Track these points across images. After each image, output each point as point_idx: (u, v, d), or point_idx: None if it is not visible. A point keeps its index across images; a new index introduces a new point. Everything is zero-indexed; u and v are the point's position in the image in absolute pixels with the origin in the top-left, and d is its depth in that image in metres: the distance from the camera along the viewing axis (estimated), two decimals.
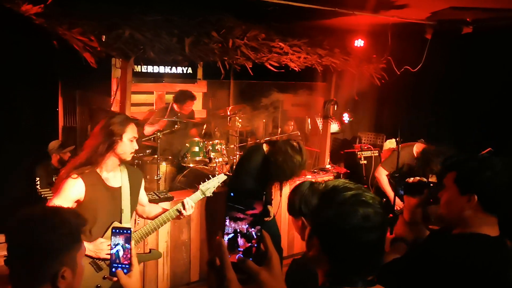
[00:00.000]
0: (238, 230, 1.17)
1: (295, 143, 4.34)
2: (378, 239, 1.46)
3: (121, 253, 1.94)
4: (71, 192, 3.01)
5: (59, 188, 3.03)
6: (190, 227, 5.27)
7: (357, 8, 5.23)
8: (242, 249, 1.17)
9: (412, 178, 2.54)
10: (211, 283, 1.16)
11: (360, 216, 1.43)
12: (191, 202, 3.41)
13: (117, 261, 1.94)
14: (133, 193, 3.32)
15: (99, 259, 3.07)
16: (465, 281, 1.96)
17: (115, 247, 1.95)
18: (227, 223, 1.17)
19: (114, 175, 3.24)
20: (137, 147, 3.23)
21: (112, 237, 1.96)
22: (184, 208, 3.38)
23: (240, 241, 1.18)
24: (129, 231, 1.96)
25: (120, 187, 3.25)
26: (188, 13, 5.22)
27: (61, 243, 1.66)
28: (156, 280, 5.05)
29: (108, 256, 3.03)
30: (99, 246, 3.04)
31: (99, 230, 3.10)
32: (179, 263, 5.23)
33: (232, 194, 1.18)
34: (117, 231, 1.96)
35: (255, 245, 1.17)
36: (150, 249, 3.54)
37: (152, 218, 3.45)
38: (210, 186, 3.55)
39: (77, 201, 3.04)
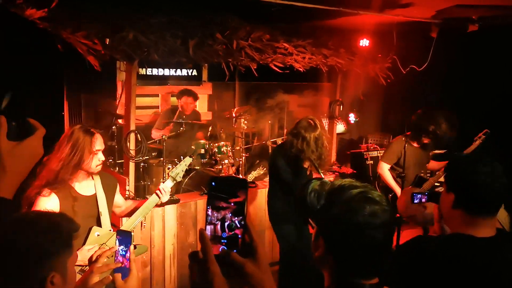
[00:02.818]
0: (221, 220, 1.14)
1: (304, 122, 4.38)
2: (385, 238, 1.44)
3: (121, 256, 1.94)
4: (46, 209, 2.96)
5: (32, 207, 2.96)
6: (196, 229, 5.26)
7: (362, 8, 5.20)
8: (225, 240, 1.14)
9: (442, 188, 2.50)
10: (193, 276, 1.13)
11: (366, 213, 1.41)
12: (166, 189, 3.40)
13: (119, 264, 1.94)
14: (108, 198, 3.33)
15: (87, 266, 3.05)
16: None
17: (117, 250, 1.94)
18: (209, 213, 1.14)
19: (87, 184, 3.23)
20: (103, 159, 3.20)
21: (117, 239, 1.96)
22: (159, 195, 3.38)
23: (224, 231, 1.15)
24: (129, 235, 1.95)
25: (95, 194, 3.25)
26: (192, 15, 5.22)
27: (52, 247, 1.64)
28: (163, 282, 5.04)
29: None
30: (86, 254, 2.98)
31: (79, 240, 3.07)
32: (186, 265, 5.18)
33: (213, 183, 1.15)
34: (119, 233, 1.96)
35: (239, 235, 1.14)
36: (134, 245, 3.54)
37: (129, 214, 3.45)
38: (178, 171, 3.54)
39: None
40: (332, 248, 1.47)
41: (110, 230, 3.27)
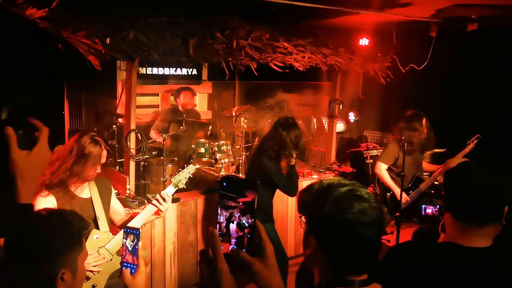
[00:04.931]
0: (232, 219, 1.16)
1: (283, 121, 4.44)
2: (375, 235, 1.45)
3: (129, 252, 1.95)
4: None
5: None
6: (197, 228, 5.28)
7: (362, 7, 5.21)
8: (235, 239, 1.16)
9: None
10: (202, 274, 1.15)
11: (356, 211, 1.42)
12: (165, 196, 3.38)
13: (126, 260, 1.95)
14: (104, 201, 3.36)
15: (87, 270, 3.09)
16: None
17: (125, 247, 1.96)
18: (220, 212, 1.16)
19: (82, 186, 3.28)
20: (99, 171, 3.24)
21: (124, 236, 1.97)
22: (159, 203, 3.36)
23: (233, 230, 1.16)
24: (137, 232, 1.97)
25: (90, 197, 3.29)
26: (193, 15, 5.23)
27: (62, 244, 1.67)
28: (164, 281, 5.06)
29: (94, 268, 3.09)
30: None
31: None
32: (187, 264, 5.24)
33: (224, 183, 1.17)
34: (128, 231, 1.98)
35: (248, 235, 1.16)
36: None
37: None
38: (181, 178, 3.51)
39: None
40: (322, 246, 1.48)
41: (110, 234, 3.29)
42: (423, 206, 3.65)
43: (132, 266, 1.93)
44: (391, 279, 1.98)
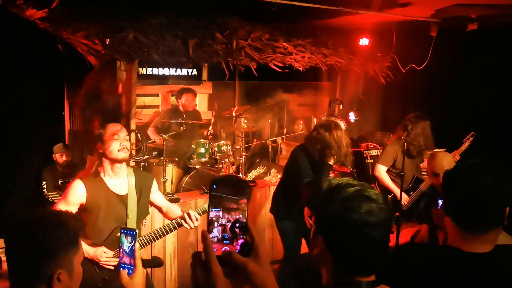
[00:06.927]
0: (224, 221, 1.15)
1: (326, 124, 4.51)
2: (382, 236, 1.45)
3: (126, 253, 1.95)
4: (72, 196, 3.09)
5: (65, 192, 3.12)
6: (197, 228, 5.26)
7: (361, 7, 5.21)
8: (228, 241, 1.15)
9: None
10: (196, 277, 1.14)
11: (363, 211, 1.42)
12: (195, 215, 3.42)
13: (124, 261, 1.95)
14: (142, 199, 3.33)
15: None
16: None
17: (122, 247, 1.96)
18: (211, 214, 1.15)
19: (120, 181, 3.25)
20: (125, 143, 3.19)
21: (121, 236, 1.97)
22: (186, 221, 3.39)
23: (226, 232, 1.16)
24: (134, 232, 1.96)
25: (127, 194, 3.25)
26: (193, 15, 5.23)
27: (58, 244, 1.67)
28: (164, 281, 5.06)
29: (106, 265, 3.11)
30: (100, 254, 3.06)
31: (98, 235, 3.13)
32: (187, 264, 5.21)
33: (214, 185, 1.16)
34: (124, 231, 1.97)
35: (241, 235, 1.15)
36: (152, 256, 3.55)
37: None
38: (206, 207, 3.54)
39: (80, 205, 3.10)
40: (330, 246, 1.48)
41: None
42: (439, 200, 3.61)
43: (129, 267, 1.93)
44: (395, 277, 1.98)
